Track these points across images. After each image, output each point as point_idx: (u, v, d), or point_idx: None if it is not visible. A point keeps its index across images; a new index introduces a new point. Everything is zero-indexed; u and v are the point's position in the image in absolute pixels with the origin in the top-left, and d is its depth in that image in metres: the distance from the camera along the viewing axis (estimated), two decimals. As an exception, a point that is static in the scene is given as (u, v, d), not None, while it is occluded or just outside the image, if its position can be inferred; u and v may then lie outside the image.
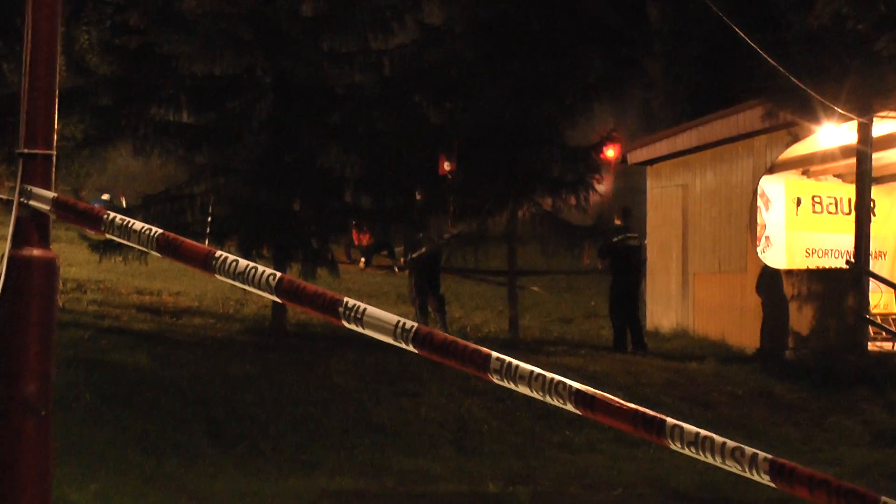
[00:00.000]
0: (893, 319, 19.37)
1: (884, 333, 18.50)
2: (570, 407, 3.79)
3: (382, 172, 16.80)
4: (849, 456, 12.56)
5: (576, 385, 3.78)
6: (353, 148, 16.53)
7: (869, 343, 17.86)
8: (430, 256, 18.34)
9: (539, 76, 17.65)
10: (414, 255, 18.50)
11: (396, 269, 26.98)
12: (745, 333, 18.71)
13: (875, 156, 18.03)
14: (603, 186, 20.24)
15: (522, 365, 3.82)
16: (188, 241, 4.32)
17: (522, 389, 3.83)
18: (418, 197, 17.48)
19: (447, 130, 17.33)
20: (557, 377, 3.79)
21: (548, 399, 3.79)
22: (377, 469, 10.49)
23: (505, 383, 3.85)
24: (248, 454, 10.48)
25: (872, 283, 18.20)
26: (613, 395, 3.80)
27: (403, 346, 3.94)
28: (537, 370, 3.81)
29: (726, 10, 17.55)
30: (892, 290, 19.16)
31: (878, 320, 18.80)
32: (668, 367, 16.25)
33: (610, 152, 22.16)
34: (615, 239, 17.81)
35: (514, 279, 18.17)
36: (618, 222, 18.22)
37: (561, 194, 17.75)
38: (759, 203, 20.20)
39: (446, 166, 18.85)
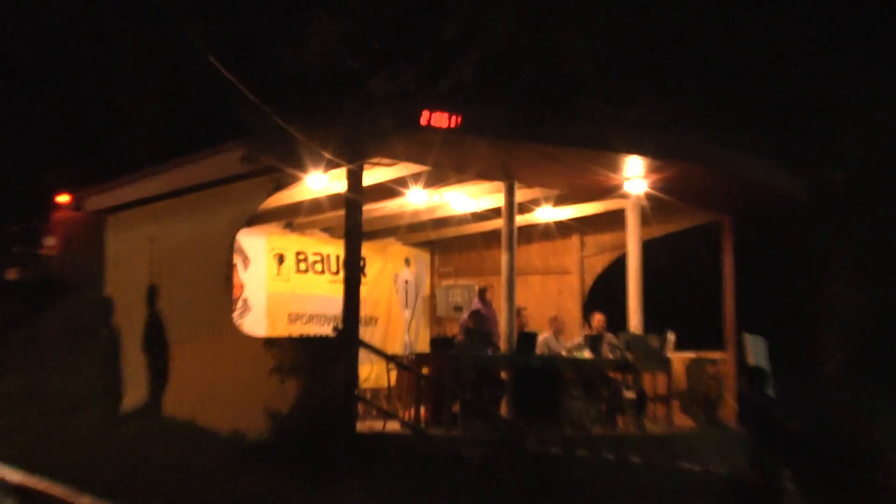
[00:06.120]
0: (385, 395, 17.35)
1: (374, 412, 16.35)
2: None
3: None
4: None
5: None
6: None
7: (358, 423, 15.66)
8: None
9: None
10: None
11: None
12: (217, 413, 15.94)
13: (366, 207, 16.00)
14: (53, 240, 17.27)
15: None
16: None
17: None
18: None
19: None
20: None
21: None
22: None
23: None
24: None
25: (363, 353, 16.05)
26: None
27: None
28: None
29: (206, 37, 15.45)
30: (385, 362, 17.05)
31: (369, 396, 16.77)
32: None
33: (63, 198, 18.89)
34: None
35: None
36: None
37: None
38: (237, 260, 17.72)
39: None
